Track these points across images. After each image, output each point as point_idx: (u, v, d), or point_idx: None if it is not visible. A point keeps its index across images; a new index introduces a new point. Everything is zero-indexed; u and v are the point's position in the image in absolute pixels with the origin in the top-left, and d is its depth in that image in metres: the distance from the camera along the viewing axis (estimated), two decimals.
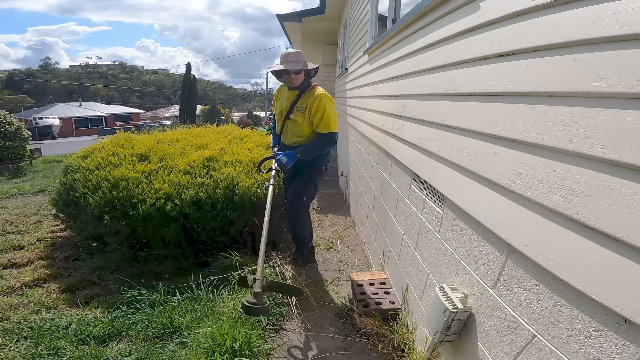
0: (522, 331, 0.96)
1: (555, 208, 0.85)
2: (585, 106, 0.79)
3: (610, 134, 0.72)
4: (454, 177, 1.40)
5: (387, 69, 2.74)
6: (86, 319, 2.01)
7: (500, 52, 1.12)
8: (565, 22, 0.86)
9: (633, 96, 0.68)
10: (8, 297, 2.29)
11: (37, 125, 26.99)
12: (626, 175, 0.68)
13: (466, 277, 1.29)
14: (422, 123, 1.82)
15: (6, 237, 3.30)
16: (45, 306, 2.17)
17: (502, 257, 1.08)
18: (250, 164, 3.07)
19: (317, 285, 2.59)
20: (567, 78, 0.84)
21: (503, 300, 1.06)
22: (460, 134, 1.38)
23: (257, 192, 2.76)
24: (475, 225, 1.24)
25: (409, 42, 2.13)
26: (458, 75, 1.43)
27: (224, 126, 4.76)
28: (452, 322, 1.24)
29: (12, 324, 1.95)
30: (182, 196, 2.67)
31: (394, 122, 2.37)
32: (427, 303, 1.53)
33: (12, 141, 7.76)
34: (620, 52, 0.71)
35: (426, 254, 1.69)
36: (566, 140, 0.83)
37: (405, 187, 2.08)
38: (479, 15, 1.26)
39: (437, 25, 1.65)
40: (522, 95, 1.02)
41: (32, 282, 2.48)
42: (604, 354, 0.71)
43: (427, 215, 1.70)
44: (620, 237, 0.68)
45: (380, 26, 3.65)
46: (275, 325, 2.07)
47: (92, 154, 3.45)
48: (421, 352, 1.60)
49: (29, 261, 2.82)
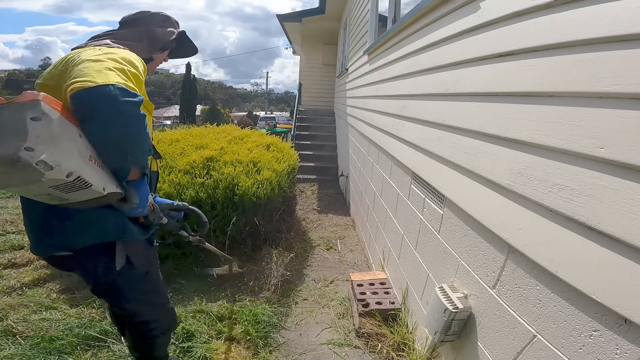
0: (522, 331, 0.96)
1: (555, 208, 0.85)
2: (585, 106, 0.79)
3: (610, 134, 0.72)
4: (454, 177, 1.40)
5: (387, 69, 2.74)
6: (86, 319, 2.01)
7: (500, 52, 1.12)
8: (565, 22, 0.86)
9: (633, 96, 0.68)
10: (8, 297, 2.29)
11: None
12: (626, 175, 0.68)
13: (466, 277, 1.29)
14: (422, 123, 1.82)
15: (6, 237, 3.29)
16: (45, 306, 2.17)
17: (502, 257, 1.08)
18: (250, 164, 3.07)
19: (317, 285, 2.59)
20: (567, 78, 0.84)
21: (503, 300, 1.06)
22: (460, 134, 1.37)
23: (257, 192, 2.76)
24: (475, 225, 1.24)
25: (409, 42, 2.13)
26: (458, 75, 1.43)
27: (224, 126, 4.76)
28: (452, 322, 1.24)
29: (12, 324, 1.95)
30: (182, 196, 2.67)
31: (394, 122, 2.37)
32: (427, 303, 1.53)
33: None
34: (620, 52, 0.71)
35: (426, 254, 1.69)
36: (566, 140, 0.83)
37: (405, 187, 2.08)
38: (479, 15, 1.26)
39: (437, 25, 1.66)
40: (522, 95, 1.02)
41: (32, 282, 2.48)
42: (604, 354, 0.71)
43: (427, 215, 1.70)
44: (620, 237, 0.68)
45: (380, 26, 3.65)
46: (275, 325, 2.08)
47: None
48: (421, 352, 1.60)
49: (29, 261, 2.82)
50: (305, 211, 4.49)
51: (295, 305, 2.32)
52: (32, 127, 0.78)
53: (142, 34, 1.26)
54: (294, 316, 2.19)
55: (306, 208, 4.63)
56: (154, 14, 1.33)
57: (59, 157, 0.81)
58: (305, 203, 4.84)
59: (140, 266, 1.23)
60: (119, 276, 1.18)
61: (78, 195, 0.91)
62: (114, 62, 0.98)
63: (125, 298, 1.27)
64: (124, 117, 0.93)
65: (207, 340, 1.89)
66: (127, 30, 1.26)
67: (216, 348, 1.84)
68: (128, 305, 1.29)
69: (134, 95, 0.94)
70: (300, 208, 4.52)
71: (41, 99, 0.81)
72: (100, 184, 0.93)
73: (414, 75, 2.02)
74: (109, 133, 0.94)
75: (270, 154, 3.47)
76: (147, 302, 1.33)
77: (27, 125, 0.78)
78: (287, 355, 1.85)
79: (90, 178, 0.89)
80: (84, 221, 1.07)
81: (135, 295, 1.27)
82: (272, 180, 2.91)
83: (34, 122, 0.79)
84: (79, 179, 0.86)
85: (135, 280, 1.24)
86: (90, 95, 0.89)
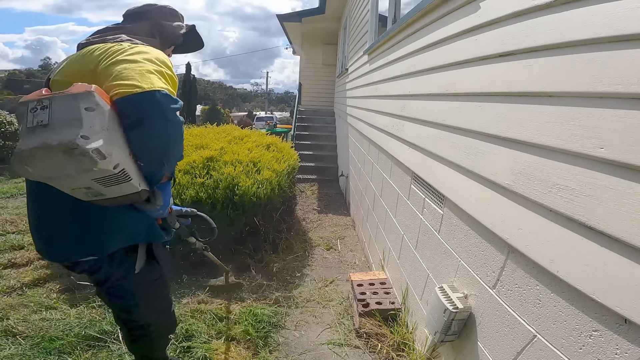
0: (522, 331, 0.96)
1: (555, 208, 0.85)
2: (585, 106, 0.79)
3: (610, 134, 0.72)
4: (454, 177, 1.40)
5: (387, 68, 2.74)
6: (86, 319, 2.01)
7: (500, 52, 1.12)
8: (565, 22, 0.86)
9: (633, 96, 0.68)
10: (8, 297, 2.29)
11: None
12: (626, 175, 0.68)
13: (466, 277, 1.29)
14: (422, 123, 1.82)
15: (6, 237, 3.29)
16: (45, 306, 2.17)
17: (502, 257, 1.08)
18: (250, 164, 3.07)
19: (317, 285, 2.59)
20: (567, 78, 0.84)
21: (503, 300, 1.06)
22: (460, 133, 1.37)
23: (257, 192, 2.76)
24: (475, 225, 1.24)
25: (409, 42, 2.13)
26: (458, 75, 1.43)
27: (224, 126, 4.76)
28: (452, 322, 1.24)
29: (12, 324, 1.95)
30: (182, 196, 2.67)
31: (394, 122, 2.37)
32: (427, 303, 1.53)
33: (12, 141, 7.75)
34: (620, 52, 0.71)
35: (426, 254, 1.69)
36: (566, 140, 0.83)
37: (405, 187, 2.08)
38: (479, 15, 1.26)
39: (438, 25, 1.66)
40: (522, 95, 1.02)
41: (32, 282, 2.48)
42: (604, 354, 0.71)
43: (427, 215, 1.70)
44: (620, 237, 0.68)
45: (380, 26, 3.65)
46: (275, 324, 2.07)
47: None
48: (421, 352, 1.60)
49: (29, 261, 2.82)
50: (305, 211, 4.49)
51: (295, 305, 2.32)
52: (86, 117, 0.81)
53: (153, 29, 1.21)
54: (294, 316, 2.19)
55: (306, 208, 4.63)
56: (162, 7, 1.27)
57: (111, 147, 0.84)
58: (305, 203, 4.84)
59: (160, 268, 1.24)
60: (136, 278, 1.18)
61: (116, 189, 0.92)
62: (151, 64, 0.98)
63: (135, 300, 1.25)
64: (170, 125, 0.94)
65: (207, 340, 1.89)
66: (137, 25, 1.20)
67: (216, 348, 1.84)
68: (136, 307, 1.27)
69: (176, 101, 0.95)
70: (300, 208, 4.52)
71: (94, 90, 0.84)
72: (137, 180, 0.95)
73: (414, 75, 2.02)
74: (154, 140, 0.95)
75: (270, 154, 3.47)
76: (154, 306, 1.32)
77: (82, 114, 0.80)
78: (287, 355, 1.85)
79: (131, 172, 0.91)
80: (117, 225, 1.05)
81: (144, 298, 1.26)
82: (272, 180, 2.91)
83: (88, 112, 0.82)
84: (122, 172, 0.88)
85: (148, 282, 1.24)
86: (139, 102, 0.89)
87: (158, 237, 1.16)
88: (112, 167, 0.84)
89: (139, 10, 1.23)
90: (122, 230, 1.07)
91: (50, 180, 0.85)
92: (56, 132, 0.78)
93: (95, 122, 0.82)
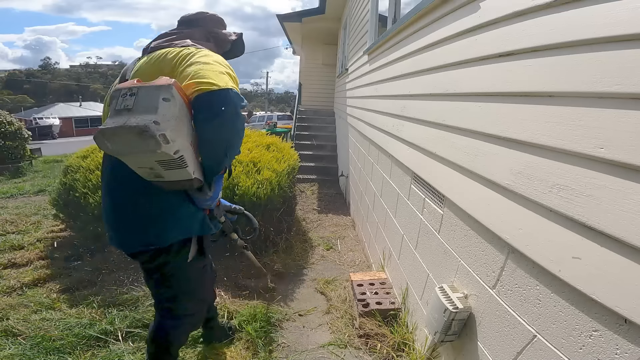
0: (522, 331, 0.96)
1: (555, 208, 0.85)
2: (586, 106, 0.79)
3: (610, 134, 0.72)
4: (454, 177, 1.40)
5: (387, 69, 2.74)
6: (86, 319, 2.01)
7: (501, 52, 1.12)
8: (565, 22, 0.86)
9: (633, 96, 0.68)
10: (8, 297, 2.29)
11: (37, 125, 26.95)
12: (626, 175, 0.68)
13: (466, 277, 1.29)
14: (422, 123, 1.82)
15: (6, 237, 3.29)
16: (45, 306, 2.17)
17: (502, 257, 1.08)
18: (250, 164, 3.07)
19: (317, 285, 2.59)
20: (568, 78, 0.84)
21: (503, 300, 1.06)
22: (460, 134, 1.38)
23: (257, 192, 2.76)
24: (475, 226, 1.24)
25: (409, 42, 2.13)
26: (458, 75, 1.43)
27: None
28: (452, 322, 1.24)
29: (12, 324, 1.95)
30: None
31: (394, 122, 2.37)
32: (427, 303, 1.53)
33: (12, 141, 7.75)
34: (620, 52, 0.71)
35: (426, 254, 1.69)
36: (566, 140, 0.83)
37: (405, 187, 2.08)
38: (479, 15, 1.26)
39: (438, 25, 1.66)
40: (522, 95, 1.02)
41: (32, 282, 2.48)
42: (604, 354, 0.71)
43: (427, 215, 1.70)
44: (620, 237, 0.68)
45: (380, 26, 3.65)
46: (275, 325, 2.07)
47: (92, 154, 3.45)
48: (421, 352, 1.60)
49: (29, 261, 2.82)
50: (305, 211, 4.49)
51: (295, 305, 2.32)
52: (162, 106, 0.94)
53: (208, 35, 1.34)
54: (293, 316, 2.19)
55: (306, 208, 4.63)
56: (212, 16, 1.40)
57: (176, 134, 0.95)
58: (305, 203, 4.84)
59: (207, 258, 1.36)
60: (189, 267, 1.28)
61: (173, 174, 1.04)
62: (221, 66, 1.11)
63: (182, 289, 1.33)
64: (239, 120, 1.08)
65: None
66: (193, 30, 1.31)
67: (216, 348, 1.84)
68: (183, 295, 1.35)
69: (243, 99, 1.09)
70: (300, 208, 4.52)
71: (172, 83, 0.97)
72: (192, 167, 1.06)
73: (414, 75, 2.02)
74: (225, 132, 1.08)
75: (270, 154, 3.47)
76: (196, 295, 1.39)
77: (159, 103, 0.93)
78: (287, 355, 1.85)
79: (188, 160, 1.03)
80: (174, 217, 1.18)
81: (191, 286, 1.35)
82: (272, 180, 2.91)
83: (164, 102, 0.94)
84: (181, 158, 0.99)
85: (196, 271, 1.34)
86: (217, 98, 1.02)
87: (209, 230, 1.29)
88: (173, 152, 0.95)
89: (192, 17, 1.37)
90: (179, 223, 1.19)
91: (122, 155, 0.98)
92: (136, 115, 0.91)
93: (168, 111, 0.94)
